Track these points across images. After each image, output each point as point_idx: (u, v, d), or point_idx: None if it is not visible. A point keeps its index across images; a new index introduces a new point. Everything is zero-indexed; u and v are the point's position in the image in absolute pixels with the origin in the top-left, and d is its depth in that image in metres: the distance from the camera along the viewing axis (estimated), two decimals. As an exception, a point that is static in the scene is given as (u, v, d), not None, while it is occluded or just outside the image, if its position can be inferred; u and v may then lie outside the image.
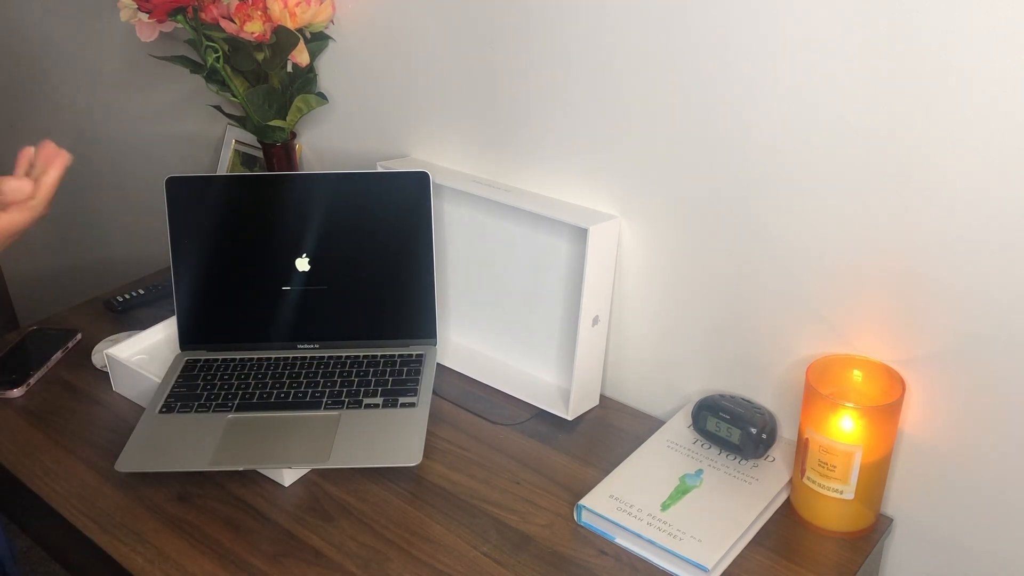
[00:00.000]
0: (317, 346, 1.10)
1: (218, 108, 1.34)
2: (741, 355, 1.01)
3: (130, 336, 1.16)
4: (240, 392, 1.03)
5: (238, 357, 1.09)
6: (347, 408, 1.00)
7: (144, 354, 1.15)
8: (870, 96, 0.81)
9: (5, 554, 1.01)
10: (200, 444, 0.95)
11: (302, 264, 1.08)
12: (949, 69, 0.76)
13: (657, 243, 1.02)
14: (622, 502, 0.91)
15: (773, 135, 0.88)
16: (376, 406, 1.00)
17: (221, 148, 1.47)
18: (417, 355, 1.08)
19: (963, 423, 0.87)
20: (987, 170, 0.77)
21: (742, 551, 0.88)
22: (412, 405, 1.01)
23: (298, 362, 1.08)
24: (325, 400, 1.01)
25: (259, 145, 1.31)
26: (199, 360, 1.08)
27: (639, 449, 0.99)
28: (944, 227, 0.81)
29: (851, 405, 0.86)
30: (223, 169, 1.46)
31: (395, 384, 1.04)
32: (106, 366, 1.13)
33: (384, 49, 1.18)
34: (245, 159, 1.44)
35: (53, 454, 1.03)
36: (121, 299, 1.32)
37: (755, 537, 0.90)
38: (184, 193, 1.08)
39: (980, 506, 0.89)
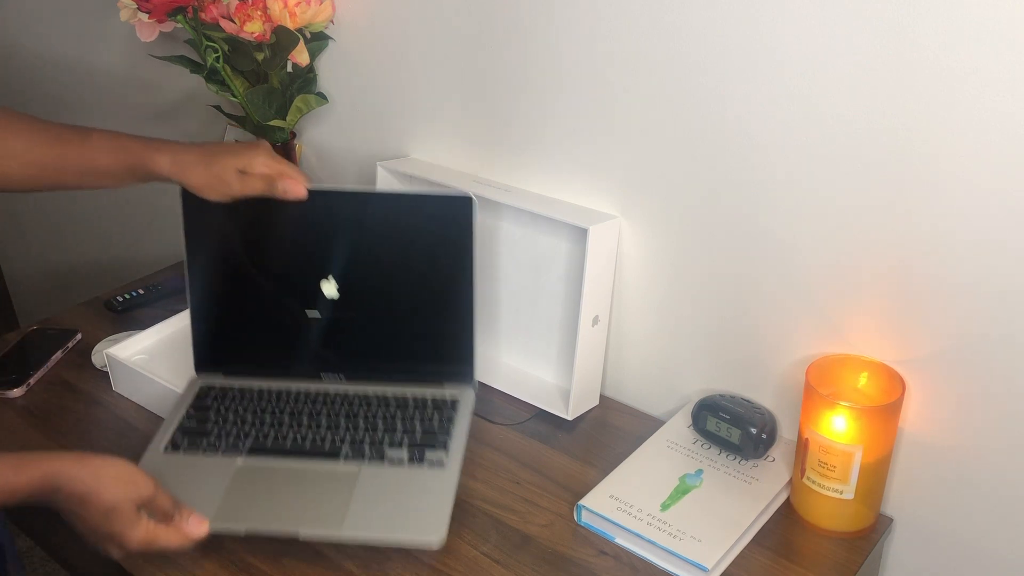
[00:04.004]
0: (342, 377, 0.99)
1: (218, 108, 1.34)
2: (741, 355, 1.01)
3: (130, 336, 1.16)
4: (254, 431, 0.94)
5: (256, 386, 0.99)
6: (368, 462, 0.90)
7: (144, 354, 1.15)
8: (869, 95, 0.81)
9: (9, 548, 1.00)
10: (205, 495, 0.87)
11: (330, 289, 0.97)
12: (948, 68, 0.76)
13: (657, 243, 1.02)
14: (622, 502, 0.91)
15: (773, 135, 0.88)
16: (400, 461, 0.90)
17: (221, 148, 1.47)
18: (452, 399, 0.96)
19: (963, 423, 0.87)
20: (987, 169, 0.77)
21: (742, 551, 0.88)
22: (440, 465, 0.90)
23: (320, 397, 0.98)
24: (345, 449, 0.92)
25: (259, 145, 1.31)
26: (214, 387, 0.99)
27: (639, 449, 0.99)
28: (944, 226, 0.81)
29: (851, 405, 0.86)
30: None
31: (424, 434, 0.93)
32: (106, 366, 1.13)
33: (384, 49, 1.18)
34: (245, 159, 1.44)
35: (53, 454, 1.03)
36: (121, 299, 1.32)
37: (755, 537, 0.90)
38: (202, 204, 0.94)
39: (980, 506, 0.89)
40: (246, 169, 0.91)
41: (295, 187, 0.91)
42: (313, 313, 0.97)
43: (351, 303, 0.97)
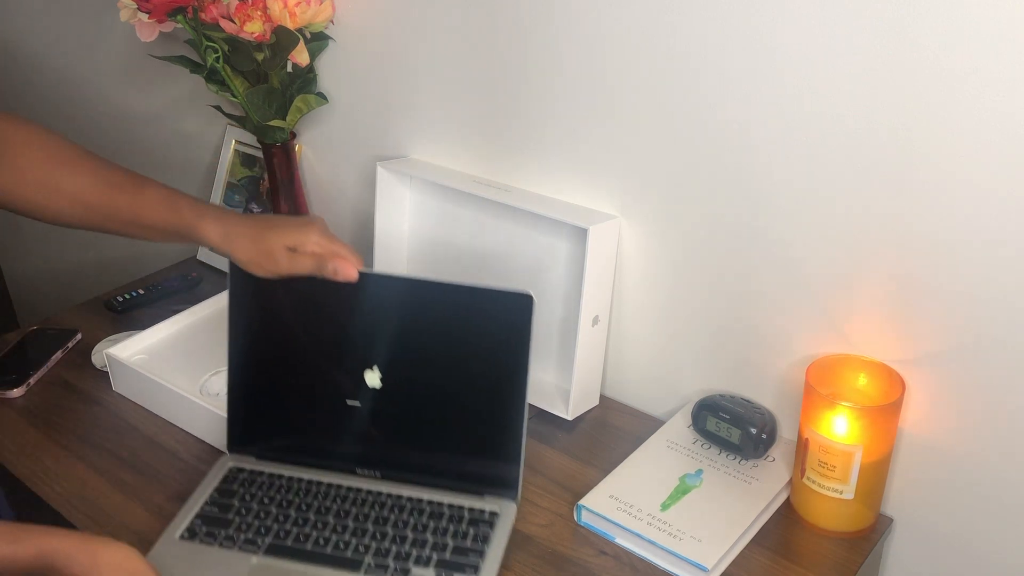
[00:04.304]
0: (378, 475, 0.93)
1: (218, 108, 1.34)
2: (741, 355, 1.01)
3: (130, 336, 1.16)
4: (275, 527, 0.87)
5: (287, 474, 0.93)
6: None
7: (144, 354, 1.15)
8: (869, 95, 0.81)
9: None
10: None
11: (372, 379, 0.90)
12: (948, 70, 0.76)
13: (657, 243, 1.02)
14: (622, 502, 0.91)
15: (773, 135, 0.88)
16: None
17: (221, 148, 1.47)
18: (490, 513, 0.88)
19: (963, 423, 0.87)
20: (987, 169, 0.77)
21: (742, 551, 0.88)
22: None
23: (352, 494, 0.91)
24: (367, 560, 0.84)
25: (259, 145, 1.31)
26: (243, 470, 0.94)
27: (639, 449, 0.99)
28: (944, 227, 0.81)
29: (851, 405, 0.86)
30: (223, 169, 1.46)
31: (455, 552, 0.84)
32: (106, 366, 1.13)
33: (384, 49, 1.18)
34: (245, 159, 1.44)
35: (53, 454, 1.03)
36: (121, 299, 1.32)
37: (755, 537, 0.90)
38: (248, 278, 0.90)
39: (980, 506, 0.89)
40: (297, 247, 0.88)
41: (346, 268, 0.87)
42: (353, 402, 0.91)
43: (393, 396, 0.91)
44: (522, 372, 0.87)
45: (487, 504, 0.89)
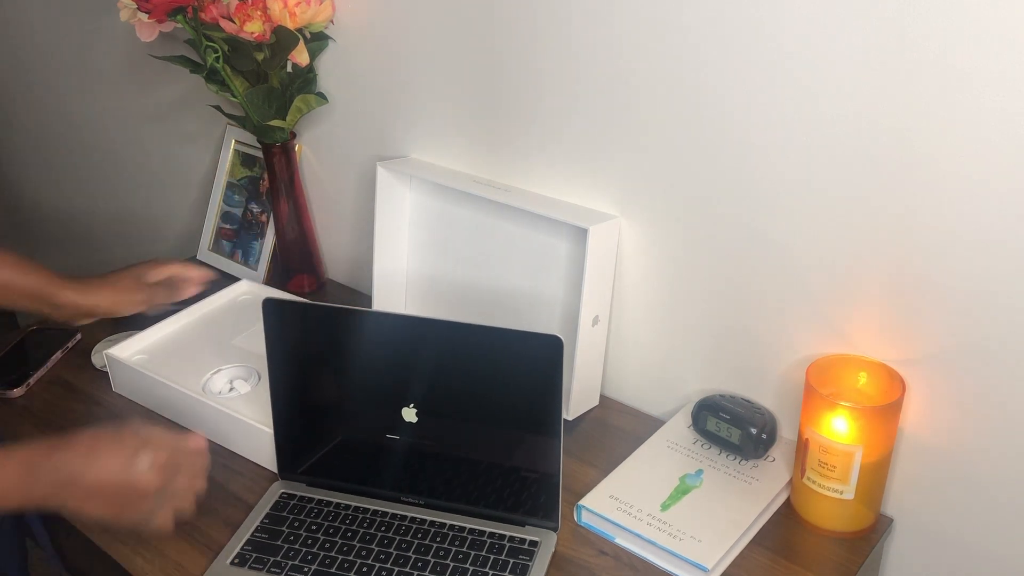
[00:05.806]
0: (422, 503, 0.94)
1: (218, 108, 1.34)
2: (741, 355, 1.01)
3: (130, 336, 1.16)
4: (322, 555, 0.88)
5: (335, 501, 0.95)
6: None
7: (144, 354, 1.15)
8: (870, 95, 0.81)
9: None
10: None
11: (409, 414, 0.92)
12: (950, 69, 0.76)
13: (657, 243, 1.02)
14: (622, 502, 0.91)
15: (773, 135, 0.88)
16: None
17: (221, 148, 1.47)
18: (531, 542, 0.89)
19: (963, 423, 0.87)
20: (988, 170, 0.77)
21: (742, 551, 0.88)
22: None
23: (395, 522, 0.92)
24: None
25: (259, 145, 1.31)
26: (294, 496, 0.96)
27: (639, 449, 0.99)
28: (944, 226, 0.81)
29: (851, 405, 0.86)
30: (223, 169, 1.46)
31: None
32: (106, 366, 1.13)
33: (384, 49, 1.18)
34: (245, 159, 1.44)
35: (53, 454, 1.03)
36: (121, 299, 1.32)
37: (755, 537, 0.90)
38: (282, 316, 0.93)
39: (980, 506, 0.89)
40: (142, 277, 1.10)
41: (190, 272, 1.14)
42: (393, 436, 0.93)
43: (430, 431, 0.93)
44: (555, 409, 0.88)
45: (528, 533, 0.90)
